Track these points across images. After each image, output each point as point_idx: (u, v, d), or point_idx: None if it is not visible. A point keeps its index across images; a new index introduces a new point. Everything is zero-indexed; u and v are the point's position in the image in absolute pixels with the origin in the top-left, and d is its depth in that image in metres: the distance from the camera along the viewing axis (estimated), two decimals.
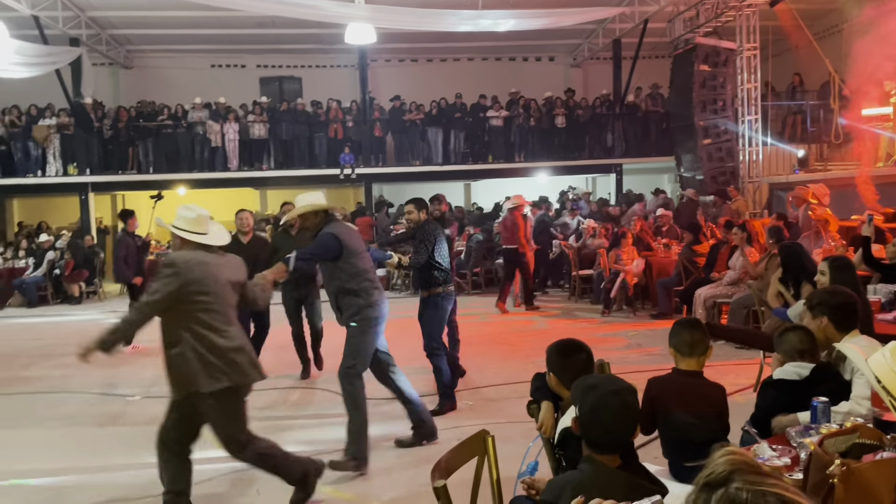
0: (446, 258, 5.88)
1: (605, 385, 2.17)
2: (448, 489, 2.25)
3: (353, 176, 16.44)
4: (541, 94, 17.47)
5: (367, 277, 4.77)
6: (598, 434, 2.11)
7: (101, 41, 17.04)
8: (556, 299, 12.08)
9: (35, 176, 15.87)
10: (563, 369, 2.84)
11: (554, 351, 2.92)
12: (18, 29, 13.92)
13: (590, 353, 2.90)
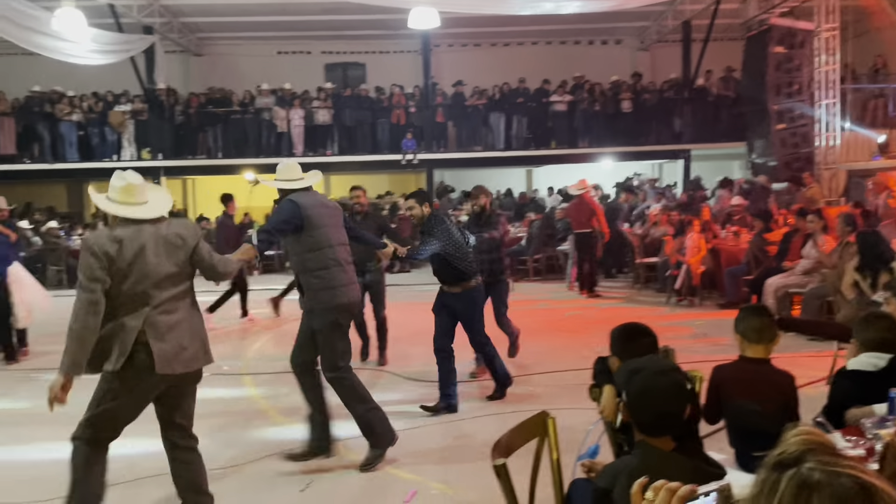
0: (464, 250, 5.40)
1: (651, 367, 2.12)
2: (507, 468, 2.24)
3: (414, 161, 16.50)
4: (606, 78, 17.14)
5: (332, 256, 4.27)
6: (649, 417, 2.06)
7: (174, 29, 17.53)
8: (619, 287, 11.89)
9: (111, 160, 16.47)
10: (627, 353, 2.78)
11: (618, 334, 2.87)
12: (95, 18, 14.43)
13: (655, 338, 2.84)
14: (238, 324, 9.48)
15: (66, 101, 16.27)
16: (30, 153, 16.62)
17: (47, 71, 16.65)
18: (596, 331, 8.38)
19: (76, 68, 14.43)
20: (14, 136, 16.36)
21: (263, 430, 5.35)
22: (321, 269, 4.23)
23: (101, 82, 16.60)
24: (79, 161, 16.38)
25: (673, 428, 2.08)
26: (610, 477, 2.06)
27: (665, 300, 10.06)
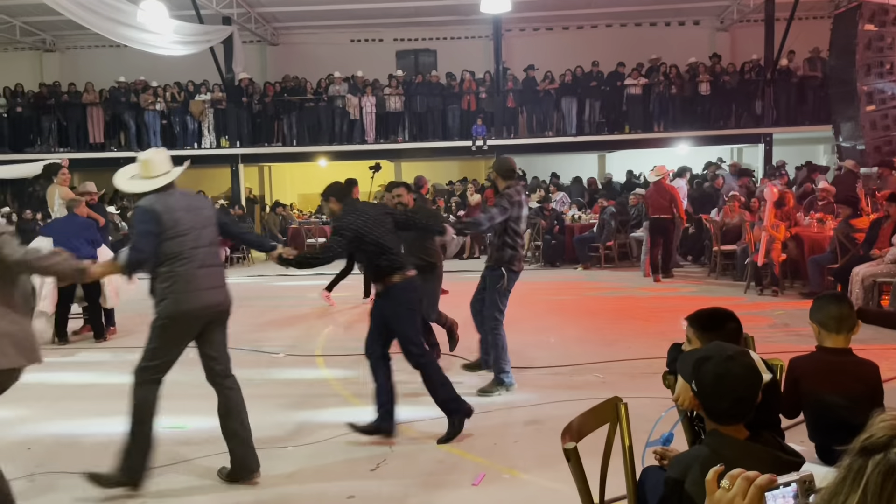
0: (390, 242, 4.65)
1: (718, 352, 2.06)
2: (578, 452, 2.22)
3: (485, 148, 16.45)
4: (683, 60, 16.65)
5: (185, 256, 3.81)
6: (727, 404, 2.00)
7: (251, 19, 17.96)
8: (696, 275, 11.57)
9: (192, 148, 17.08)
10: (709, 339, 2.70)
11: (700, 318, 2.77)
12: (177, 10, 14.92)
13: (739, 324, 2.73)
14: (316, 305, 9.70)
15: (150, 92, 16.93)
16: (117, 141, 17.39)
17: (132, 62, 17.37)
18: (670, 318, 8.20)
19: (159, 59, 15.01)
20: (102, 125, 17.16)
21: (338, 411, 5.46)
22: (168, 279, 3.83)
23: (182, 72, 17.19)
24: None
25: (746, 415, 2.02)
26: (682, 466, 2.01)
27: (744, 289, 9.74)
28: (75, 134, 17.20)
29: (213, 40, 15.91)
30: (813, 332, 3.10)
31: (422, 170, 19.33)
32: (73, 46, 19.93)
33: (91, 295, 7.74)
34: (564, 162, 19.02)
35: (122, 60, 17.95)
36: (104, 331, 7.85)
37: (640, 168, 17.65)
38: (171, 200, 3.86)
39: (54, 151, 16.50)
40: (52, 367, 6.77)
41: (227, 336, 4.33)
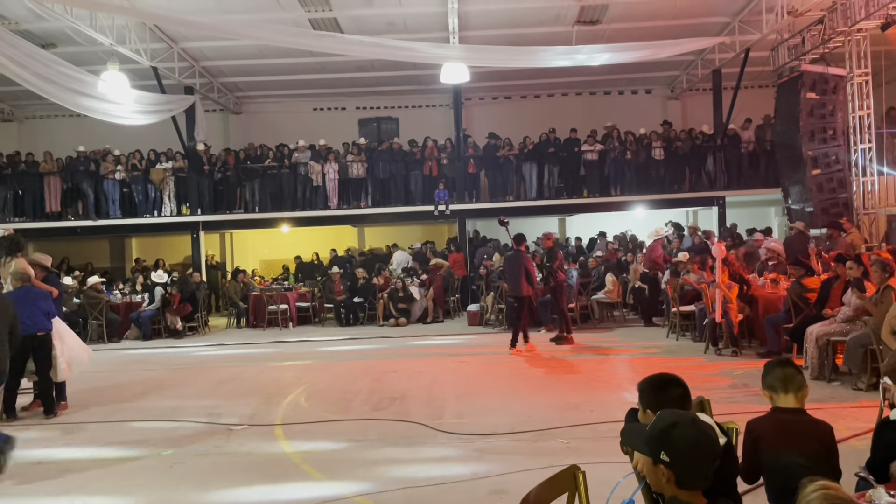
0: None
1: (681, 418, 2.08)
2: None
3: (447, 212, 16.63)
4: (637, 127, 17.22)
5: None
6: (707, 468, 2.01)
7: (213, 89, 18.14)
8: (654, 335, 11.69)
9: (152, 216, 16.92)
10: (657, 405, 2.73)
11: (648, 385, 2.82)
12: (139, 80, 15.03)
13: (686, 389, 2.78)
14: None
15: (111, 160, 16.82)
16: (74, 210, 17.16)
17: (92, 131, 17.32)
18: (633, 381, 8.25)
19: (120, 128, 14.98)
20: (59, 194, 16.92)
21: (297, 485, 5.30)
22: None
23: (143, 141, 17.17)
24: (121, 217, 16.84)
25: (705, 480, 2.03)
26: None
27: (703, 350, 9.86)
28: (31, 203, 16.94)
29: (175, 110, 15.99)
30: (766, 397, 3.17)
31: (386, 234, 19.47)
32: (32, 116, 19.83)
33: (42, 368, 7.50)
34: (525, 225, 19.19)
35: (82, 129, 17.89)
36: (55, 406, 7.58)
37: (599, 231, 17.99)
38: None
39: (9, 221, 16.20)
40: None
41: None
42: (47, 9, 11.69)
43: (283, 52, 15.34)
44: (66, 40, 14.25)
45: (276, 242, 20.15)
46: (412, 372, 9.32)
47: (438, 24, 14.24)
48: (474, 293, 15.84)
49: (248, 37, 12.50)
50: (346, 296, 15.08)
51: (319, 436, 6.38)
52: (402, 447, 5.99)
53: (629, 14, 14.33)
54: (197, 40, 15.19)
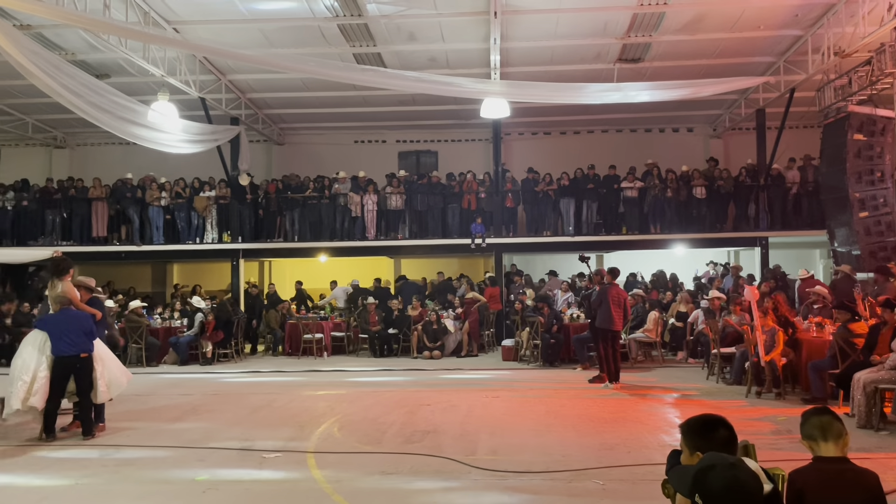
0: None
1: (720, 461, 2.01)
2: None
3: (483, 245, 16.62)
4: (678, 165, 17.08)
5: None
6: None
7: (258, 120, 18.55)
8: (694, 377, 11.43)
9: (194, 243, 17.24)
10: (702, 447, 2.65)
11: (692, 426, 2.73)
12: (187, 110, 15.46)
13: (732, 431, 2.69)
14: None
15: (156, 187, 17.25)
16: (118, 235, 17.58)
17: (140, 159, 17.83)
18: (672, 422, 8.04)
19: (166, 156, 15.37)
20: (106, 219, 17.37)
21: None
22: None
23: (188, 169, 17.59)
24: (164, 243, 17.19)
25: None
26: None
27: (745, 393, 9.59)
28: (79, 228, 17.41)
29: (221, 139, 16.36)
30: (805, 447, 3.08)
31: (421, 266, 19.51)
32: (84, 143, 20.48)
33: (83, 389, 7.61)
34: (562, 261, 19.16)
35: (129, 157, 18.41)
36: (93, 427, 7.67)
37: (637, 268, 17.78)
38: None
39: (57, 244, 16.65)
40: (35, 465, 6.60)
41: None
42: (103, 40, 12.15)
43: (327, 85, 15.67)
44: (119, 71, 14.77)
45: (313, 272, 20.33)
46: (445, 405, 9.24)
47: (480, 60, 14.42)
48: (509, 328, 15.73)
49: (294, 70, 12.79)
50: (381, 327, 15.09)
51: (352, 466, 6.34)
52: (434, 481, 5.91)
53: (672, 52, 14.34)
54: (244, 72, 15.60)
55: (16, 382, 7.38)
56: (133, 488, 5.85)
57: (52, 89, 9.92)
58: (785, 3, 12.29)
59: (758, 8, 12.44)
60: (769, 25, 13.23)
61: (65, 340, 7.52)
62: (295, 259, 19.32)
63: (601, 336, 10.69)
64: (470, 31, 13.37)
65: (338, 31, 13.23)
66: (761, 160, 16.80)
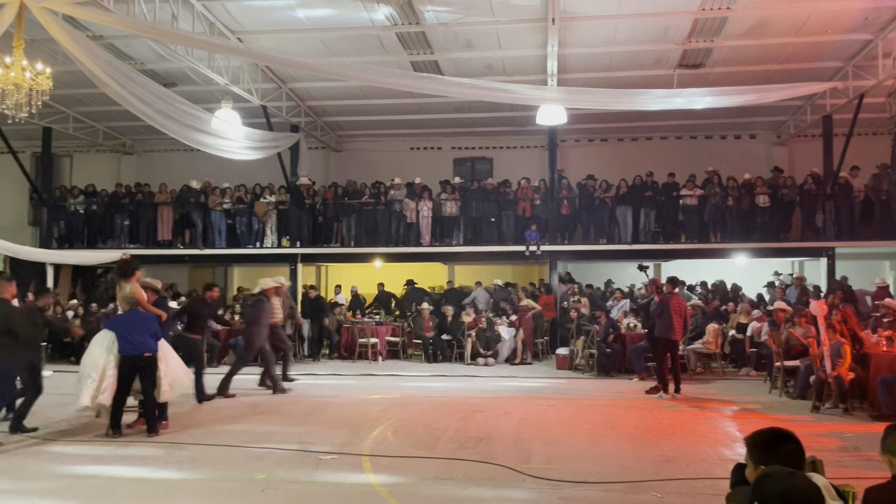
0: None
1: (779, 470, 1.97)
2: None
3: (538, 253, 16.51)
4: (739, 172, 16.67)
5: None
6: None
7: (317, 127, 18.89)
8: (755, 390, 11.12)
9: (254, 247, 17.64)
10: (768, 461, 2.58)
11: (758, 440, 2.67)
12: (250, 117, 15.83)
13: (800, 445, 2.61)
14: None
15: (219, 193, 17.72)
16: (182, 239, 18.11)
17: (203, 165, 18.31)
18: (733, 436, 7.84)
19: (228, 163, 15.74)
20: (171, 223, 17.94)
21: None
22: None
23: (249, 175, 18.00)
24: (225, 247, 17.64)
25: None
26: None
27: (809, 408, 9.28)
28: (145, 231, 18.01)
29: (281, 146, 16.69)
30: (885, 463, 2.94)
31: (476, 273, 19.51)
32: (150, 150, 21.18)
33: (147, 388, 7.86)
34: (619, 270, 18.91)
35: (193, 163, 18.95)
36: (157, 425, 7.91)
37: (697, 278, 17.42)
38: None
39: (124, 247, 17.25)
40: (103, 459, 6.84)
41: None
42: (170, 50, 12.57)
43: (384, 92, 15.85)
44: (185, 80, 15.25)
45: (368, 277, 20.55)
46: (499, 412, 9.21)
47: (537, 66, 14.37)
48: (564, 336, 15.59)
49: (353, 78, 12.97)
50: (435, 332, 15.14)
51: (406, 471, 6.37)
52: (488, 488, 5.90)
53: (734, 58, 14.03)
54: (304, 81, 15.91)
55: (85, 380, 7.68)
56: (195, 485, 6.01)
57: (122, 97, 10.30)
58: (853, 7, 11.89)
59: (825, 12, 12.06)
60: (837, 29, 12.81)
61: (130, 340, 7.78)
62: (351, 264, 19.57)
63: (660, 346, 10.50)
64: (527, 38, 13.35)
65: (396, 39, 13.37)
66: (828, 168, 16.25)
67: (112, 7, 9.82)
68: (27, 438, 7.68)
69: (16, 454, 7.08)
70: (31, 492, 5.81)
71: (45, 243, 18.18)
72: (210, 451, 7.16)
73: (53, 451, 7.24)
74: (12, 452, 7.15)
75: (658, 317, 10.48)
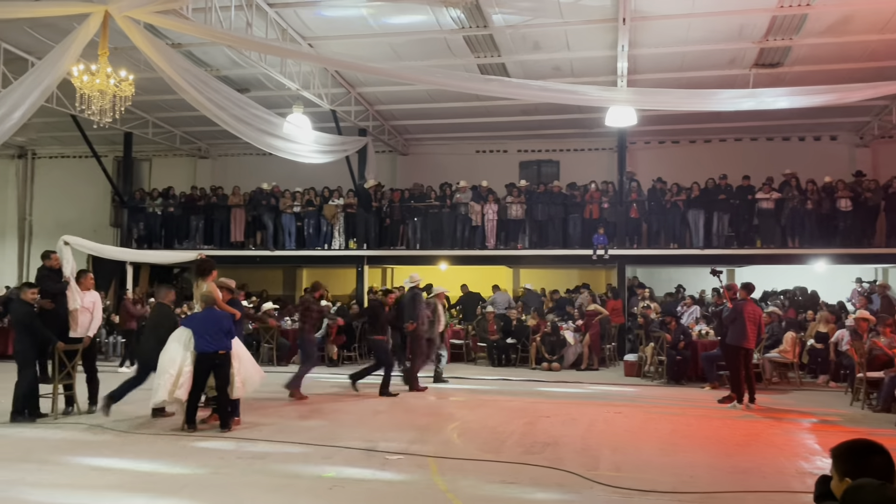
0: None
1: (869, 482, 1.86)
2: None
3: (606, 257, 16.25)
4: (819, 175, 16.01)
5: None
6: None
7: (384, 131, 19.09)
8: (835, 402, 10.64)
9: (322, 249, 17.96)
10: (855, 473, 2.45)
11: (845, 451, 2.54)
12: (319, 122, 16.14)
13: (890, 458, 2.47)
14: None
15: (289, 195, 18.13)
16: (253, 240, 18.59)
17: (274, 169, 18.76)
18: (811, 448, 7.52)
19: (298, 166, 16.08)
20: (243, 225, 18.45)
21: None
22: None
23: (318, 179, 18.34)
24: (294, 249, 18.03)
25: None
26: None
27: (895, 422, 8.83)
28: (219, 232, 18.57)
29: (350, 150, 16.94)
30: None
31: (541, 277, 19.35)
32: (224, 154, 21.82)
33: (221, 385, 8.08)
34: (690, 275, 18.43)
35: (265, 167, 19.43)
36: (230, 421, 8.12)
37: (772, 284, 16.82)
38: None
39: (199, 248, 17.82)
40: (178, 454, 7.06)
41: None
42: (244, 56, 12.92)
43: (450, 96, 15.92)
44: (258, 85, 15.66)
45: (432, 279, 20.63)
46: (565, 418, 9.09)
47: (606, 67, 14.17)
48: (632, 342, 15.29)
49: (421, 81, 13.06)
50: (500, 336, 15.08)
51: (472, 473, 6.35)
52: (555, 494, 5.81)
53: (815, 56, 13.51)
54: (373, 85, 16.11)
55: (163, 375, 7.95)
56: (265, 481, 6.13)
57: (199, 103, 10.64)
58: None
59: None
60: None
61: (206, 338, 8.02)
62: (416, 266, 19.69)
63: (733, 354, 10.17)
64: (596, 39, 13.17)
65: (463, 42, 13.40)
66: None
67: (190, 16, 10.15)
68: (108, 432, 7.99)
69: (96, 448, 7.38)
70: (112, 483, 6.03)
71: (125, 243, 18.96)
72: (279, 448, 7.31)
73: (131, 444, 7.51)
74: (93, 446, 7.46)
75: (731, 323, 10.16)
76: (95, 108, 9.15)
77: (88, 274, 9.49)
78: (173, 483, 6.03)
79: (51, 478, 6.12)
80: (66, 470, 6.43)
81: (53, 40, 11.34)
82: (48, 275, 9.18)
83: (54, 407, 8.80)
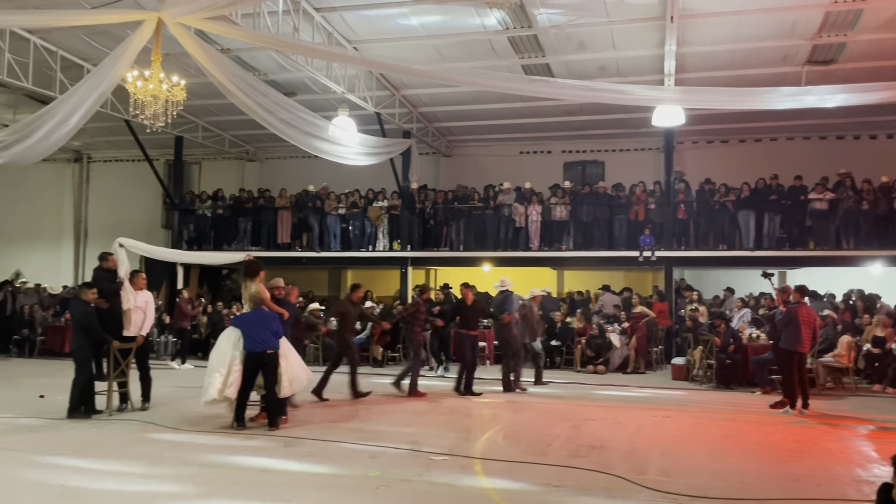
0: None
1: None
2: None
3: (652, 259, 16.01)
4: (875, 175, 15.49)
5: None
6: None
7: (428, 133, 19.16)
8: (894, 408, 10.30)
9: (367, 250, 18.10)
10: None
11: None
12: (364, 124, 16.28)
13: None
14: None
15: (334, 197, 18.33)
16: (300, 242, 18.84)
17: (319, 171, 18.96)
18: (867, 456, 7.29)
19: (343, 168, 16.25)
20: (290, 227, 18.71)
21: None
22: None
23: (363, 181, 18.50)
24: (340, 250, 18.21)
25: None
26: None
27: None
28: (266, 234, 18.87)
29: (394, 152, 17.03)
30: None
31: (586, 279, 19.17)
32: (271, 157, 22.17)
33: (269, 384, 8.20)
34: (740, 277, 18.04)
35: (311, 169, 19.66)
36: (277, 419, 8.24)
37: (826, 287, 16.35)
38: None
39: (247, 249, 18.13)
40: (227, 450, 7.19)
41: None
42: (291, 61, 13.10)
43: (494, 97, 15.89)
44: (304, 89, 15.87)
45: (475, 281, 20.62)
46: (612, 422, 8.99)
47: (653, 66, 13.97)
48: (680, 346, 15.04)
49: (466, 83, 13.06)
50: (545, 338, 14.97)
51: (517, 476, 6.32)
52: (602, 498, 5.75)
53: (871, 52, 13.10)
54: (416, 88, 16.18)
55: (213, 374, 8.12)
56: (313, 479, 6.21)
57: (248, 107, 10.83)
58: None
59: None
60: None
61: (254, 338, 8.16)
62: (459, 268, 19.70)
63: (786, 358, 9.92)
64: (643, 38, 12.99)
65: (507, 43, 13.36)
66: None
67: (239, 21, 10.34)
68: (163, 429, 8.18)
69: (150, 443, 7.57)
70: (166, 477, 6.19)
71: (175, 245, 19.38)
72: (327, 447, 7.38)
73: (183, 440, 7.68)
74: (147, 441, 7.65)
75: (785, 327, 9.91)
76: (148, 113, 9.39)
77: (141, 274, 9.78)
78: (223, 478, 6.14)
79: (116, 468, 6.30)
80: (132, 463, 6.61)
81: (108, 47, 11.67)
82: (103, 275, 9.45)
83: (109, 403, 9.05)
